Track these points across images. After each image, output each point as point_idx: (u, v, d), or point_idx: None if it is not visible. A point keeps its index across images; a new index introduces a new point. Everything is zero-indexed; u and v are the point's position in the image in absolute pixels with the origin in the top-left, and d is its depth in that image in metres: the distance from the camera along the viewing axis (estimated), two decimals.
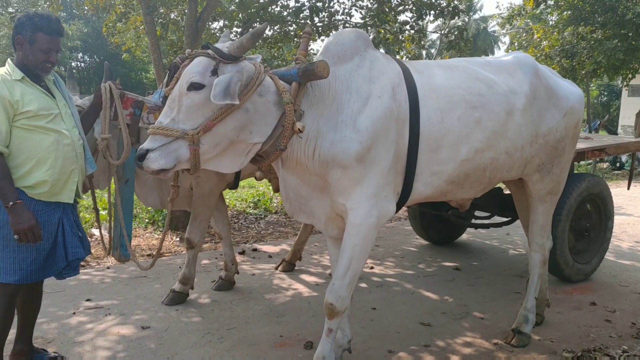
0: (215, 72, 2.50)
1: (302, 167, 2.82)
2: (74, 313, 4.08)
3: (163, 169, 2.48)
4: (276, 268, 5.35)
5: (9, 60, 2.95)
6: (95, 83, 28.38)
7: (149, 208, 7.02)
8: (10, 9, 9.50)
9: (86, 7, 8.27)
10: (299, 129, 2.60)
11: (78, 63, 29.17)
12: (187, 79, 2.49)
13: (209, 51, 2.54)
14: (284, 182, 3.02)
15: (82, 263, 5.43)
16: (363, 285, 4.88)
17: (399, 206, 3.07)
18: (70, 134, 2.96)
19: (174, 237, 6.64)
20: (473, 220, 5.96)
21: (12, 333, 3.11)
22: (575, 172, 5.85)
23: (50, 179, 2.86)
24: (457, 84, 3.10)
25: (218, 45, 2.63)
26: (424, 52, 8.92)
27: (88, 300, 4.29)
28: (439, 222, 6.22)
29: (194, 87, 2.47)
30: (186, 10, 6.89)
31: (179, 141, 2.46)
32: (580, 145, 5.09)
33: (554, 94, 3.49)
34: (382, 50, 9.67)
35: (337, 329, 3.05)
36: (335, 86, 2.81)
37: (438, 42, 29.89)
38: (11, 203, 2.72)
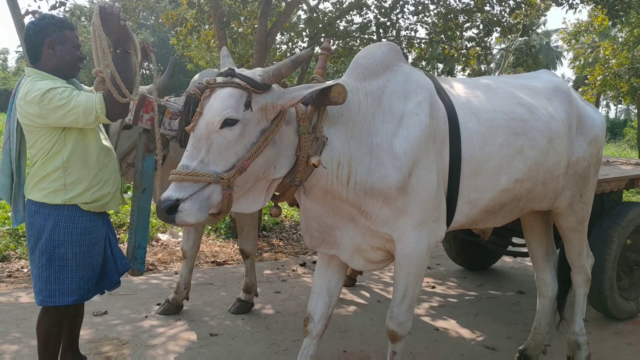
0: (248, 105, 2.19)
1: (334, 195, 2.55)
2: (146, 317, 4.25)
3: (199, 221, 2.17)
4: None
5: (34, 71, 2.73)
6: None
7: None
8: (82, 18, 9.95)
9: (161, 20, 8.65)
10: (313, 164, 2.34)
11: (143, 71, 30.38)
12: (220, 115, 2.15)
13: (236, 80, 2.22)
14: (306, 212, 2.72)
15: (150, 268, 5.68)
16: (425, 305, 4.86)
17: None
18: (111, 142, 2.93)
19: (236, 245, 6.80)
20: (510, 248, 5.53)
21: None
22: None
23: (105, 192, 2.85)
24: (499, 107, 2.92)
25: (244, 70, 2.32)
26: (482, 67, 8.73)
27: (158, 304, 4.46)
28: (473, 248, 5.90)
29: (228, 123, 2.16)
30: (256, 26, 7.09)
31: (212, 186, 2.15)
32: (633, 171, 4.84)
33: (582, 121, 3.32)
34: (441, 66, 9.65)
35: (401, 351, 2.95)
36: (366, 104, 2.54)
37: (498, 57, 29.40)
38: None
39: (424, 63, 8.93)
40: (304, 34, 8.32)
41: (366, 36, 8.24)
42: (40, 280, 2.78)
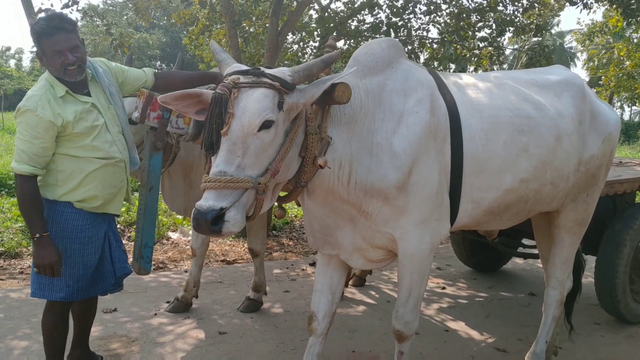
0: (281, 106, 2.13)
1: (335, 196, 2.52)
2: (155, 314, 4.26)
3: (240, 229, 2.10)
4: (346, 283, 5.37)
5: (47, 75, 2.66)
6: None
7: None
8: (95, 19, 9.89)
9: (173, 19, 8.69)
10: (320, 165, 2.29)
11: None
12: (259, 117, 2.06)
13: (267, 80, 2.14)
14: (309, 214, 2.71)
15: (160, 266, 5.70)
16: (435, 305, 4.83)
17: None
18: (118, 147, 2.81)
19: (245, 245, 6.80)
20: (520, 249, 5.43)
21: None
22: None
23: (101, 193, 2.77)
24: (503, 104, 2.84)
25: (268, 69, 2.24)
26: (495, 68, 8.68)
27: (168, 302, 4.47)
28: (484, 250, 5.82)
29: (265, 125, 2.08)
30: (267, 25, 7.09)
31: (249, 191, 2.08)
32: None
33: (596, 118, 3.22)
34: (453, 66, 9.59)
35: (409, 351, 2.92)
36: (367, 102, 2.49)
37: (510, 57, 29.21)
38: (37, 235, 2.58)
39: (436, 63, 8.89)
40: (316, 33, 8.31)
41: (378, 36, 8.21)
42: (33, 272, 2.78)
